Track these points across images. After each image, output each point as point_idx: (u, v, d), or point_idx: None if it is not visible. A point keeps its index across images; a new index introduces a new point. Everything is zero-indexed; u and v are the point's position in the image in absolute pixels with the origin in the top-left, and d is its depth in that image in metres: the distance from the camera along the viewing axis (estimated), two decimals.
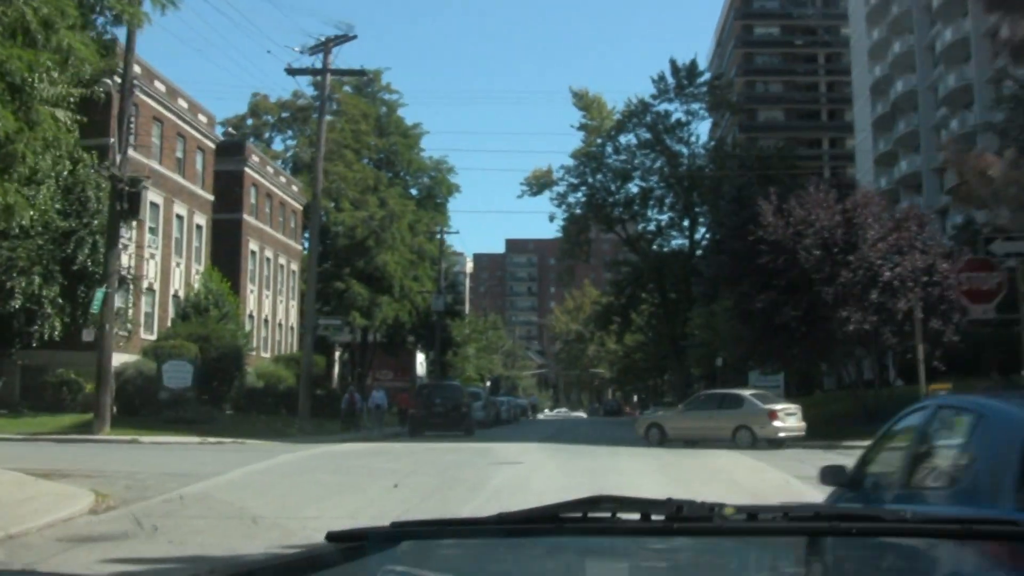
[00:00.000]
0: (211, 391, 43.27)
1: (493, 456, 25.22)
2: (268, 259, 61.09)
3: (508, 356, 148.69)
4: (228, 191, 56.44)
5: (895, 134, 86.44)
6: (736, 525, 2.59)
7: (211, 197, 52.98)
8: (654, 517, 2.60)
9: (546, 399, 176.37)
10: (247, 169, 57.82)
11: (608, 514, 2.67)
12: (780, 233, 34.62)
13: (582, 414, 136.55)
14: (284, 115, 77.30)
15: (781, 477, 18.00)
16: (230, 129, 60.50)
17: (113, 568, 9.77)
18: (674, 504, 2.57)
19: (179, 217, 49.07)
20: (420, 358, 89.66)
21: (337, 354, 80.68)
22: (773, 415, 33.60)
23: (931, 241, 36.06)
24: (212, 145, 53.54)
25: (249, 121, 77.44)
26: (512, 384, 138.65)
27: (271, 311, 62.54)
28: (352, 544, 2.69)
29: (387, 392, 47.36)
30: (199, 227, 51.67)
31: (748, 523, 2.60)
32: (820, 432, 36.05)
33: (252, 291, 58.77)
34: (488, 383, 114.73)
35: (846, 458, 26.28)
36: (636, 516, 2.62)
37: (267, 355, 60.03)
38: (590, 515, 2.68)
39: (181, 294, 49.02)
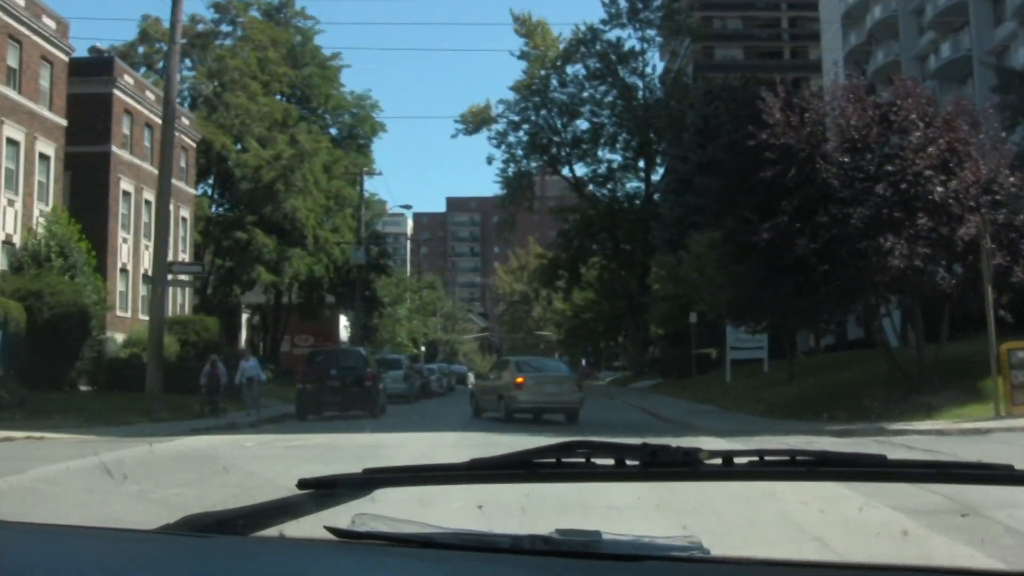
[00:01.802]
0: (44, 364, 33.33)
1: None
2: (148, 202, 50.61)
3: (448, 319, 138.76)
4: (92, 118, 46.16)
5: (872, 67, 77.72)
6: (712, 469, 2.52)
7: (63, 122, 42.59)
8: (628, 462, 2.54)
9: (489, 364, 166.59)
10: (116, 92, 47.41)
11: (582, 459, 2.59)
12: (793, 135, 25.06)
13: None
14: (181, 42, 66.66)
15: (891, 519, 9.09)
16: (98, 44, 50.25)
17: None
18: (649, 449, 2.48)
19: (12, 143, 38.61)
20: (344, 321, 79.79)
21: (244, 317, 70.79)
22: (519, 384, 29.64)
23: (991, 147, 26.47)
24: (64, 58, 43.04)
25: (140, 49, 66.83)
26: (451, 349, 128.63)
27: (153, 265, 52.05)
28: (323, 491, 2.71)
29: (262, 361, 36.43)
30: (44, 157, 41.29)
31: (724, 467, 2.53)
32: (848, 407, 26.21)
33: (125, 240, 48.46)
34: (423, 348, 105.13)
35: (914, 454, 16.68)
36: (611, 461, 2.52)
37: (148, 318, 49.87)
38: (564, 460, 2.61)
39: (17, 240, 38.77)
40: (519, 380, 29.68)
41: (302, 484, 2.67)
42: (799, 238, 24.45)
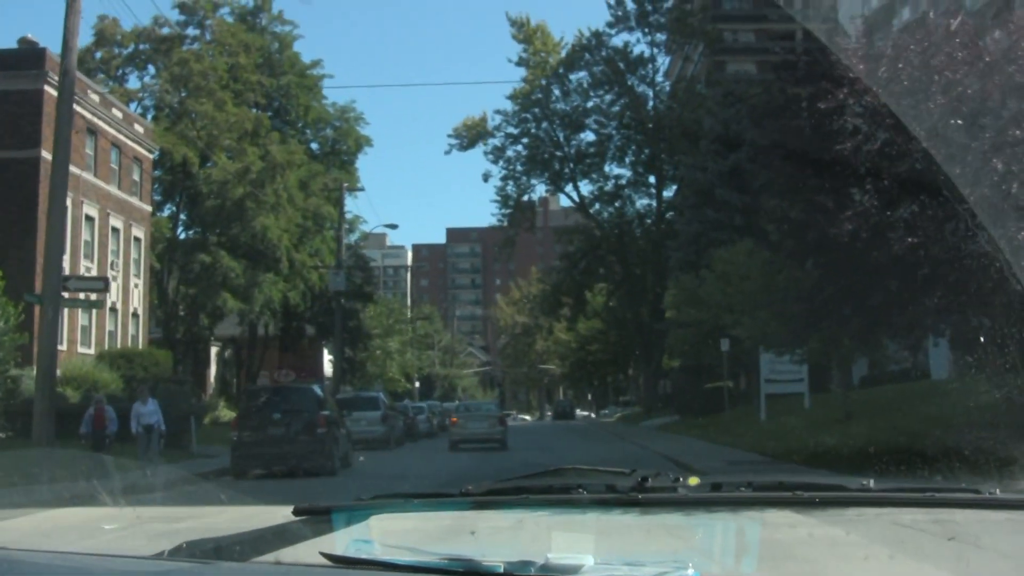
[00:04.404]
0: None
1: None
2: (90, 218, 44.13)
3: (446, 353, 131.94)
4: (19, 118, 40.04)
5: None
6: (700, 496, 2.69)
7: None
8: (619, 489, 2.67)
9: (490, 399, 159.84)
10: (48, 89, 41.03)
11: (574, 485, 2.73)
12: (883, 93, 18.43)
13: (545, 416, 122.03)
14: (142, 47, 60.33)
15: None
16: (30, 36, 43.79)
17: None
18: (639, 475, 2.63)
19: None
20: (329, 354, 73.15)
21: (214, 350, 64.10)
22: (453, 423, 40.09)
23: None
24: None
25: (98, 54, 60.46)
26: (450, 384, 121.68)
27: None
28: (319, 518, 2.79)
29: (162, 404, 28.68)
30: None
31: (712, 494, 2.71)
32: (950, 459, 19.37)
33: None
34: (417, 383, 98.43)
35: None
36: (601, 488, 2.65)
37: (89, 351, 43.31)
38: (555, 486, 2.77)
39: None
40: (453, 420, 40.31)
41: (298, 511, 2.79)
42: (891, 231, 17.84)
